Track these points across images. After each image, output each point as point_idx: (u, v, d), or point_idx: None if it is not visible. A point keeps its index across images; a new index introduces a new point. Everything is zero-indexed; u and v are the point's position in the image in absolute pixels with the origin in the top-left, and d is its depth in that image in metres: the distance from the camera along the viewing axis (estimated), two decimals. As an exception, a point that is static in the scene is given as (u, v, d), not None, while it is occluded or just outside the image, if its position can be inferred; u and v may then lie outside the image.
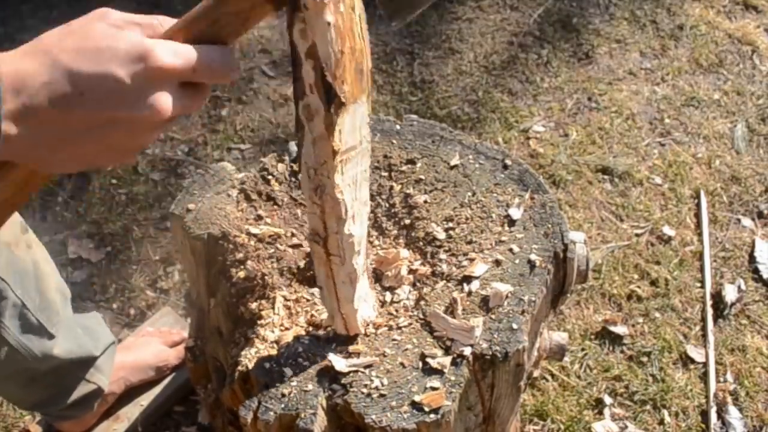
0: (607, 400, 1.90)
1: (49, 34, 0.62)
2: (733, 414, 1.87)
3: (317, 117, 0.91)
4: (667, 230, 2.24)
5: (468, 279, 1.20)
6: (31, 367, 1.46)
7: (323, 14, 0.80)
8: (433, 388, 1.07)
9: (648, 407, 1.89)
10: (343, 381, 1.10)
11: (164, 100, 0.63)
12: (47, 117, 0.59)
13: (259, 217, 1.33)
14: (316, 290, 1.23)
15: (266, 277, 1.27)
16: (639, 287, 2.11)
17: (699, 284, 2.12)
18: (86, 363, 1.62)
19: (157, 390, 1.86)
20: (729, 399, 1.90)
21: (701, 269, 2.15)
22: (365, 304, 1.17)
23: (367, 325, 1.18)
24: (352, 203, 1.03)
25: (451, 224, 1.29)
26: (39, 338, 1.42)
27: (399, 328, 1.17)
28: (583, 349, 1.98)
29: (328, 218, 1.03)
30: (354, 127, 0.96)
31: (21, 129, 0.59)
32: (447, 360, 1.10)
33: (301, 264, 1.27)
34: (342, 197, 1.00)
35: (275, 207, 1.35)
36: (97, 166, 0.66)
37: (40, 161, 0.62)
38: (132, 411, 1.82)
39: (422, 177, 1.35)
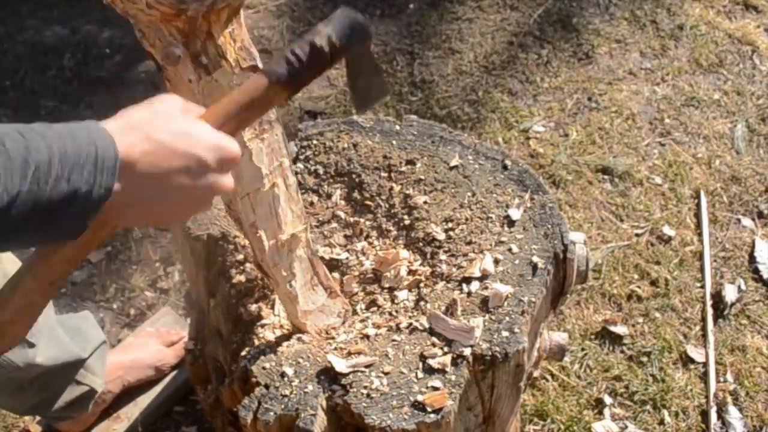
0: (607, 400, 1.90)
1: (135, 114, 0.76)
2: (733, 414, 1.87)
3: None
4: (667, 230, 2.23)
5: (468, 280, 1.20)
6: (16, 376, 1.46)
7: (182, 76, 0.91)
8: (434, 388, 1.07)
9: (648, 407, 1.89)
10: (343, 381, 1.10)
11: (229, 179, 0.82)
12: (142, 180, 0.74)
13: (259, 218, 1.33)
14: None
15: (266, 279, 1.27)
16: (639, 287, 2.11)
17: (699, 284, 2.12)
18: (74, 366, 1.62)
19: (156, 390, 1.86)
20: (729, 399, 1.90)
21: (701, 269, 2.15)
22: (321, 314, 1.18)
23: (330, 329, 1.20)
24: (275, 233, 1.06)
25: (450, 225, 1.28)
26: (20, 348, 1.42)
27: (399, 328, 1.17)
28: (583, 349, 1.98)
29: (254, 247, 1.06)
30: (256, 172, 1.01)
31: (122, 187, 0.72)
32: (447, 360, 1.10)
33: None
34: (258, 232, 1.04)
35: (275, 207, 1.35)
36: (163, 223, 0.80)
37: (124, 214, 0.76)
38: (132, 411, 1.82)
39: (422, 177, 1.35)
